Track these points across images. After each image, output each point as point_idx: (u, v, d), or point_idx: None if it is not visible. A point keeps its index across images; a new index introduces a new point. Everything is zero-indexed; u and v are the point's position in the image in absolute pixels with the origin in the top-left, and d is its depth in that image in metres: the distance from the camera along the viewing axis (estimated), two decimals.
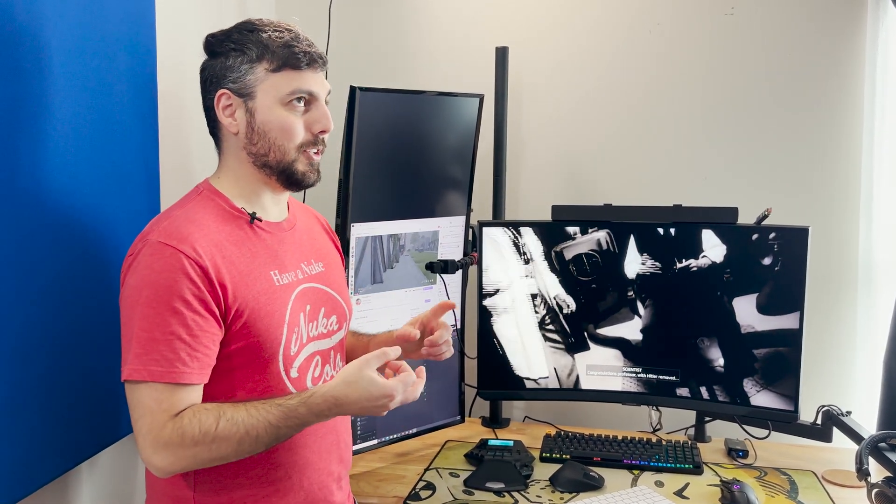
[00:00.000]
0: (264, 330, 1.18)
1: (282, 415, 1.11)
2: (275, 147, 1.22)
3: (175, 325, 1.10)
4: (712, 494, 1.64)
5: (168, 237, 1.13)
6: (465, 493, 1.65)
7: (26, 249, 1.20)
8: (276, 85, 1.20)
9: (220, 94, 1.22)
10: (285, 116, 1.21)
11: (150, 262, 1.12)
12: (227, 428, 1.10)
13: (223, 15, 1.92)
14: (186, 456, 1.10)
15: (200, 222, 1.18)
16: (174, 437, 1.09)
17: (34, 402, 1.23)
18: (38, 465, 1.25)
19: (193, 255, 1.12)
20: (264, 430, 1.11)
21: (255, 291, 1.19)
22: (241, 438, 1.10)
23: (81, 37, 1.31)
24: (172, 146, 1.65)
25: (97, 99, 1.36)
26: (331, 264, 1.38)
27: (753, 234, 1.75)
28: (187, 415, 1.10)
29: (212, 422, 1.10)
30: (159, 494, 1.23)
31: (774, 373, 1.75)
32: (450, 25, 2.18)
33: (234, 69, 1.21)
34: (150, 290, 1.11)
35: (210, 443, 1.09)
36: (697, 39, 2.05)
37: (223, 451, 1.11)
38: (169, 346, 1.10)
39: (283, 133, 1.22)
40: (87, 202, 1.34)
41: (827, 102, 1.99)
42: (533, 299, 1.88)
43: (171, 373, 1.10)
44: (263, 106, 1.21)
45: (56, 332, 1.27)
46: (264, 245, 1.24)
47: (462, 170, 1.92)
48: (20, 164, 1.18)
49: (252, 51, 1.20)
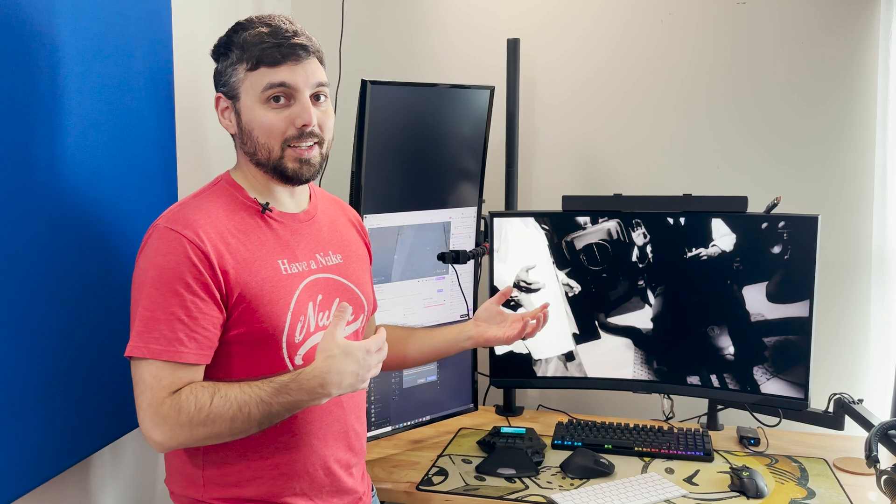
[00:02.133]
0: (266, 316, 1.21)
1: (273, 391, 1.14)
2: (259, 145, 1.25)
3: (175, 307, 1.14)
4: (722, 481, 1.66)
5: (174, 223, 1.18)
6: (476, 479, 1.68)
7: (49, 242, 1.25)
8: (253, 83, 1.23)
9: (217, 98, 1.28)
10: (263, 114, 1.23)
11: (157, 246, 1.17)
12: (221, 404, 1.13)
13: (239, 12, 1.95)
14: (182, 431, 1.13)
15: (208, 210, 1.22)
16: (171, 412, 1.13)
17: (59, 389, 1.28)
18: (65, 448, 1.31)
19: (196, 240, 1.17)
20: (256, 406, 1.13)
21: (259, 279, 1.22)
22: (233, 415, 1.13)
23: (100, 35, 1.36)
24: (189, 141, 1.69)
25: (116, 96, 1.40)
26: (351, 257, 1.40)
27: (763, 223, 1.75)
28: (185, 391, 1.14)
29: (206, 398, 1.13)
30: (174, 472, 1.29)
31: (784, 361, 1.75)
32: (462, 18, 2.20)
33: (224, 73, 1.26)
34: (154, 272, 1.16)
35: (205, 419, 1.13)
36: (709, 29, 2.05)
37: (217, 429, 1.14)
38: (169, 326, 1.14)
39: (263, 131, 1.24)
40: (106, 196, 1.39)
41: (840, 91, 1.98)
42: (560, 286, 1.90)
43: (169, 351, 1.14)
44: (246, 106, 1.24)
45: (79, 322, 1.32)
46: (274, 235, 1.28)
47: (474, 161, 1.95)
48: (42, 160, 1.23)
49: (234, 53, 1.24)
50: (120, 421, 1.45)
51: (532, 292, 1.88)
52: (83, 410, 1.34)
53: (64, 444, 1.30)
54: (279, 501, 1.26)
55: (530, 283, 1.88)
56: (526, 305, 1.90)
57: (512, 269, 1.90)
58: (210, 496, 1.24)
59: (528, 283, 1.88)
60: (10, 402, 1.18)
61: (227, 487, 1.24)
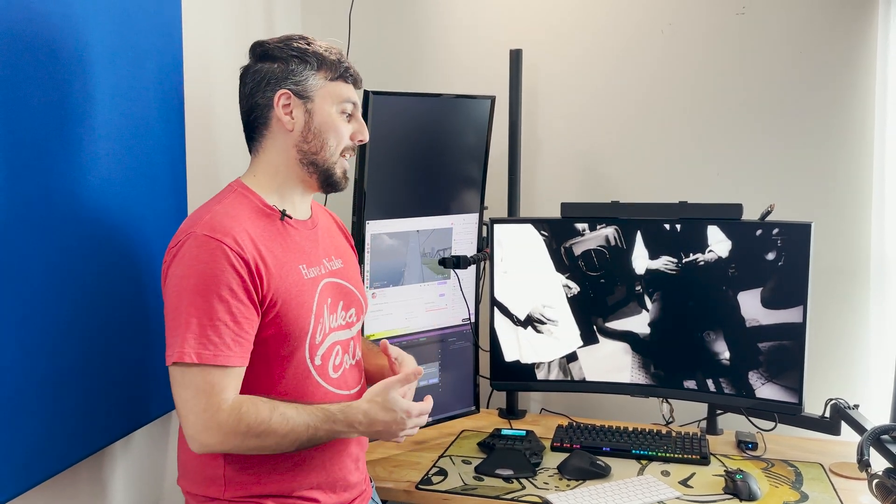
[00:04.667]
0: (294, 319, 1.28)
1: (323, 417, 1.24)
2: (326, 146, 1.35)
3: (222, 312, 1.20)
4: (716, 484, 1.68)
5: (212, 230, 1.23)
6: (475, 479, 1.72)
7: (64, 248, 1.31)
8: (333, 92, 1.35)
9: (281, 94, 1.32)
10: (340, 121, 1.36)
11: (197, 254, 1.22)
12: (279, 422, 1.21)
13: (248, 25, 2.02)
14: (235, 440, 1.21)
15: (238, 217, 1.28)
16: (231, 420, 1.19)
17: (73, 384, 1.34)
18: (79, 441, 1.37)
19: (236, 247, 1.22)
20: (305, 430, 1.23)
21: (288, 283, 1.28)
22: (286, 433, 1.22)
23: (113, 47, 1.42)
24: (199, 150, 1.75)
25: (128, 106, 1.46)
26: (348, 261, 1.48)
27: (757, 230, 1.78)
28: (246, 402, 1.21)
29: (267, 414, 1.21)
30: (192, 471, 1.33)
31: (779, 366, 1.78)
32: (465, 29, 2.25)
33: (297, 73, 1.33)
34: (196, 280, 1.21)
35: (261, 433, 1.20)
36: (708, 39, 2.09)
37: (268, 442, 1.22)
38: (216, 332, 1.19)
39: (336, 135, 1.35)
40: (118, 203, 1.45)
41: (838, 99, 2.00)
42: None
43: (220, 356, 1.19)
44: (321, 109, 1.34)
45: (93, 322, 1.38)
46: (294, 240, 1.34)
47: (476, 169, 1.99)
48: (56, 167, 1.29)
49: (313, 60, 1.33)
50: (132, 416, 1.51)
51: (545, 323, 1.94)
52: (97, 405, 1.40)
53: (78, 437, 1.36)
54: (296, 495, 1.32)
55: (546, 318, 1.93)
56: (545, 333, 1.95)
57: (512, 273, 1.94)
58: (231, 495, 1.29)
59: (544, 319, 1.93)
60: (27, 395, 1.24)
61: (248, 485, 1.29)
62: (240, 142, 1.42)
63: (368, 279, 1.84)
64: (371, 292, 1.84)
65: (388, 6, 2.30)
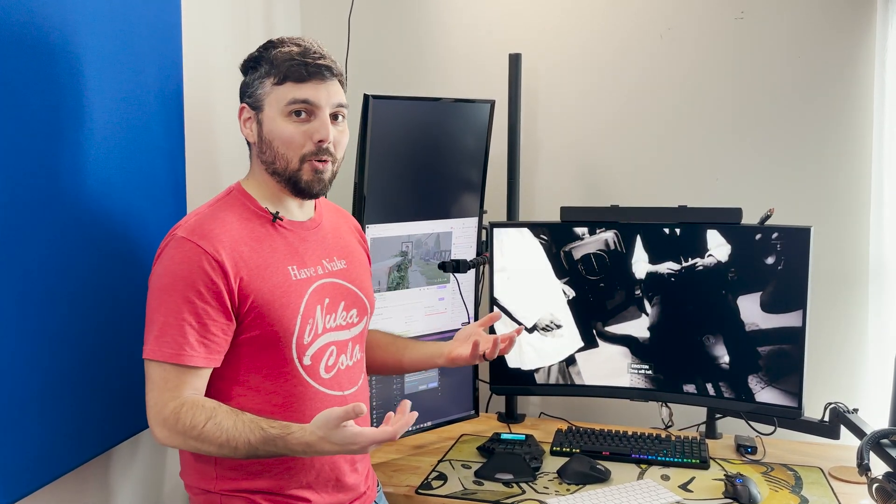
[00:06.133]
0: (278, 320, 1.29)
1: (261, 439, 1.21)
2: (279, 155, 1.32)
3: (186, 313, 1.22)
4: (716, 488, 1.68)
5: (191, 233, 1.25)
6: (474, 484, 1.72)
7: (67, 250, 1.31)
8: (278, 97, 1.30)
9: (241, 108, 1.35)
10: (284, 126, 1.30)
11: (173, 255, 1.25)
12: (212, 431, 1.21)
13: (248, 29, 2.02)
14: (177, 438, 1.23)
15: (223, 220, 1.29)
16: (170, 418, 1.22)
17: (78, 389, 1.35)
18: (85, 442, 1.38)
19: (212, 251, 1.24)
20: (243, 445, 1.21)
21: (271, 284, 1.29)
22: (221, 444, 1.21)
23: (113, 50, 1.42)
24: (198, 153, 1.75)
25: (127, 108, 1.47)
26: (354, 262, 1.47)
27: (757, 234, 1.78)
28: (187, 404, 1.22)
29: (201, 420, 1.21)
30: (187, 465, 1.36)
31: (778, 370, 1.78)
32: (465, 34, 2.25)
33: (250, 84, 1.34)
34: (169, 280, 1.24)
35: (196, 437, 1.21)
36: (707, 43, 2.09)
37: (205, 448, 1.23)
38: (180, 332, 1.22)
39: (283, 142, 1.31)
40: (118, 206, 1.45)
41: (836, 103, 2.01)
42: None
43: (180, 355, 1.22)
44: (268, 117, 1.31)
45: (96, 325, 1.39)
46: (285, 242, 1.35)
47: (475, 173, 1.99)
48: (56, 170, 1.30)
49: (263, 67, 1.32)
50: (137, 417, 1.50)
51: (552, 329, 1.94)
52: (102, 406, 1.41)
53: (84, 438, 1.38)
54: (286, 493, 1.32)
55: (555, 324, 1.94)
56: (550, 338, 1.95)
57: (512, 277, 1.94)
58: (221, 488, 1.31)
59: (552, 325, 1.93)
60: (34, 397, 1.25)
61: (238, 480, 1.31)
62: (239, 144, 1.43)
63: None
64: None
65: (388, 9, 2.30)
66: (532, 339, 1.95)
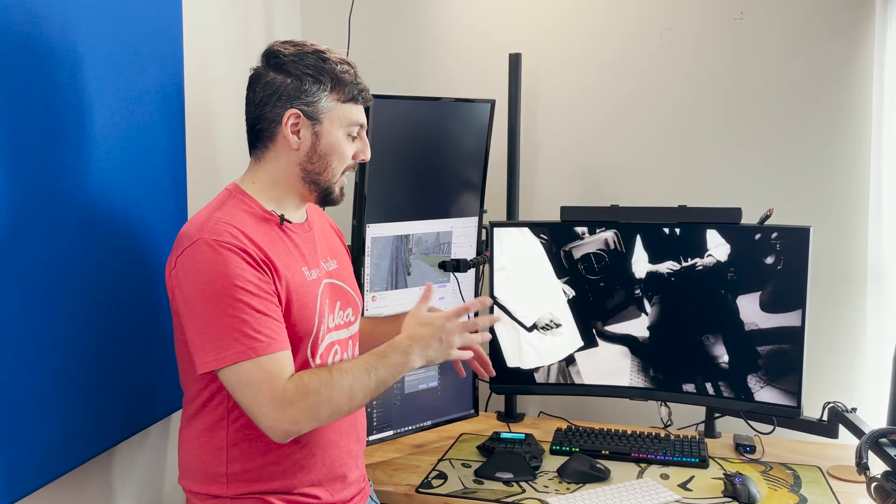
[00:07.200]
0: (301, 319, 1.30)
1: (375, 359, 1.28)
2: (329, 169, 1.35)
3: (252, 309, 1.21)
4: (715, 487, 1.69)
5: (219, 235, 1.23)
6: (474, 483, 1.72)
7: (68, 249, 1.31)
8: (343, 116, 1.34)
9: (291, 114, 1.31)
10: (346, 144, 1.35)
11: (213, 258, 1.21)
12: (339, 376, 1.24)
13: (248, 29, 2.02)
14: (308, 409, 1.21)
15: (242, 220, 1.29)
16: (296, 392, 1.21)
17: (79, 388, 1.35)
18: (87, 440, 1.39)
19: (250, 247, 1.24)
20: (366, 374, 1.25)
21: (296, 283, 1.30)
22: (351, 384, 1.24)
23: (114, 50, 1.42)
24: (199, 152, 1.75)
25: (128, 108, 1.47)
26: (342, 261, 1.49)
27: (756, 234, 1.79)
28: (304, 373, 1.24)
29: (326, 373, 1.24)
30: (194, 470, 1.34)
31: (777, 369, 1.78)
32: (465, 34, 2.25)
33: (309, 94, 1.31)
34: (218, 284, 1.21)
35: (330, 391, 1.23)
36: (707, 44, 2.09)
37: (338, 398, 1.23)
38: (255, 326, 1.21)
39: (341, 158, 1.35)
40: (119, 205, 1.45)
41: (835, 103, 2.01)
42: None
43: (269, 345, 1.21)
44: (328, 132, 1.33)
45: (98, 324, 1.39)
46: (294, 244, 1.36)
47: (475, 172, 2.00)
48: (58, 169, 1.30)
49: (328, 80, 1.32)
50: (138, 416, 1.53)
51: (552, 328, 1.94)
52: (103, 406, 1.41)
53: (85, 437, 1.38)
54: (297, 492, 1.33)
55: (555, 323, 1.94)
56: (551, 337, 1.95)
57: (511, 277, 1.94)
58: (233, 492, 1.30)
59: (552, 324, 1.94)
60: (34, 397, 1.25)
61: (250, 483, 1.30)
62: (240, 143, 1.42)
63: (369, 282, 1.84)
64: (371, 295, 1.84)
65: (388, 9, 2.30)
66: (532, 339, 1.95)
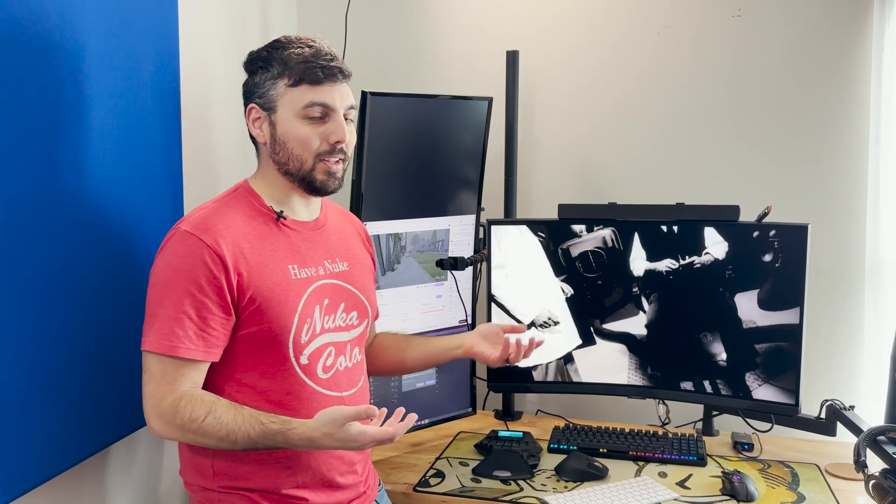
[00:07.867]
0: (275, 317, 1.29)
1: (261, 433, 1.23)
2: (293, 156, 1.33)
3: (187, 306, 1.23)
4: (713, 485, 1.68)
5: (194, 227, 1.26)
6: (472, 481, 1.72)
7: (62, 248, 1.31)
8: (293, 99, 1.31)
9: (250, 109, 1.35)
10: (300, 128, 1.31)
11: (175, 248, 1.26)
12: (212, 424, 1.22)
13: (244, 26, 2.01)
14: (175, 431, 1.24)
15: (227, 216, 1.30)
16: (168, 411, 1.22)
17: (74, 387, 1.35)
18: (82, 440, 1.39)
19: (213, 245, 1.25)
20: (243, 439, 1.23)
21: (270, 282, 1.29)
22: (221, 438, 1.22)
23: (109, 48, 1.42)
24: (195, 150, 1.74)
25: (124, 106, 1.46)
26: (357, 265, 1.47)
27: (754, 232, 1.79)
28: (186, 397, 1.23)
29: (200, 414, 1.22)
30: (186, 461, 1.37)
31: (775, 367, 1.78)
32: (462, 31, 2.25)
33: (261, 85, 1.33)
34: (171, 273, 1.25)
35: (195, 431, 1.22)
36: (704, 41, 2.09)
37: (204, 441, 1.24)
38: (179, 324, 1.23)
39: (299, 143, 1.32)
40: (115, 203, 1.45)
41: (833, 101, 2.01)
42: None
43: (178, 348, 1.23)
44: (283, 118, 1.32)
45: (93, 323, 1.39)
46: (287, 241, 1.35)
47: (473, 170, 1.99)
48: (53, 167, 1.29)
49: (275, 68, 1.31)
50: (135, 415, 1.50)
51: (550, 326, 1.94)
52: (98, 405, 1.41)
53: (80, 437, 1.38)
54: (283, 493, 1.33)
55: (553, 321, 1.94)
56: (548, 336, 1.95)
57: (509, 275, 1.94)
58: (219, 485, 1.32)
59: (550, 322, 1.93)
60: (29, 396, 1.25)
61: (235, 478, 1.31)
62: (236, 141, 1.42)
63: None
64: None
65: (385, 6, 2.29)
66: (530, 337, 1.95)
